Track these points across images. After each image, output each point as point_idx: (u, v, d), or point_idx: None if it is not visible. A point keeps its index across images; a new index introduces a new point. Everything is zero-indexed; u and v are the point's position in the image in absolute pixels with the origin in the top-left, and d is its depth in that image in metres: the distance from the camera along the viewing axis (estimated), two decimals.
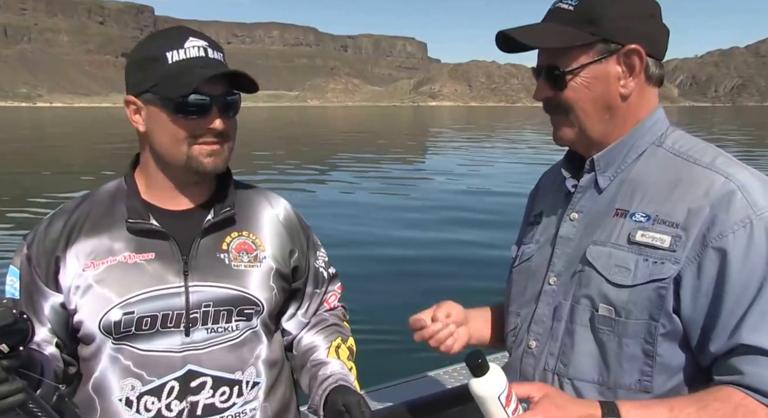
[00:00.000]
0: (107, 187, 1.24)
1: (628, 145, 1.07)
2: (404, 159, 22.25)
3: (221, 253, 1.18)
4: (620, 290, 0.99)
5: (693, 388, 0.99)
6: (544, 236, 1.17)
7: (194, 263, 1.15)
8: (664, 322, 0.97)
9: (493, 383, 0.92)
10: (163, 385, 1.13)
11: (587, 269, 1.03)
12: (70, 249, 1.15)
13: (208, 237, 1.18)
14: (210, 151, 1.13)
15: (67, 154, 25.33)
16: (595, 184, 1.09)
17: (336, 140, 32.82)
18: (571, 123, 1.07)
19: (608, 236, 1.03)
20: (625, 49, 1.01)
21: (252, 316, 1.19)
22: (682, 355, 0.99)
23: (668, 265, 0.96)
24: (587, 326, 1.03)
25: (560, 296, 1.07)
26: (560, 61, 1.04)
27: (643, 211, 1.01)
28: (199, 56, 1.10)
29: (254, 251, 1.21)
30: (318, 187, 13.86)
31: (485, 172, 17.37)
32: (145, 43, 1.15)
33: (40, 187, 14.17)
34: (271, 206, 1.30)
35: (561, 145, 1.11)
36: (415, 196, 12.67)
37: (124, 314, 1.11)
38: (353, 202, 11.69)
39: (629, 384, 1.00)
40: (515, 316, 1.18)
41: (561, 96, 1.05)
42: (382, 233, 8.99)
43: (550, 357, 1.07)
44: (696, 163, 1.02)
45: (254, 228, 1.24)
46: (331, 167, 18.59)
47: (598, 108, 1.05)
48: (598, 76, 1.03)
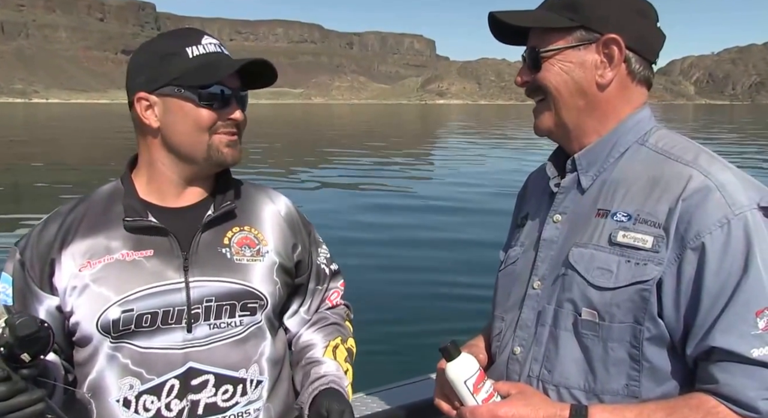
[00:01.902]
0: (103, 188, 1.24)
1: (610, 144, 1.07)
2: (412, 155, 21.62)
3: (223, 247, 1.18)
4: (602, 292, 0.98)
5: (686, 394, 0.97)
6: (529, 238, 1.16)
7: (195, 258, 1.15)
8: (649, 325, 0.96)
9: (459, 368, 0.99)
10: (162, 383, 1.12)
11: (570, 272, 1.03)
12: (65, 250, 1.14)
13: (208, 232, 1.19)
14: (229, 141, 1.17)
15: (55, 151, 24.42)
16: (577, 184, 1.09)
17: (334, 142, 31.55)
18: (549, 108, 1.08)
19: (590, 238, 1.02)
20: (604, 38, 1.03)
21: (256, 310, 1.19)
22: (672, 360, 0.98)
23: (651, 266, 0.95)
24: (571, 330, 1.02)
25: (544, 301, 1.07)
26: (539, 43, 1.07)
27: (624, 210, 1.00)
28: (216, 52, 1.16)
29: (257, 245, 1.22)
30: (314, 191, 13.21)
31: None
32: (158, 42, 1.18)
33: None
34: (272, 202, 1.31)
35: (540, 134, 1.12)
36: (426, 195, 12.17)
37: (123, 312, 1.10)
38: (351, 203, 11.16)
39: (616, 389, 0.99)
40: (500, 321, 1.17)
41: (537, 77, 1.07)
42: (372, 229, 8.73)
43: (535, 363, 1.07)
44: (677, 160, 1.01)
45: (256, 223, 1.25)
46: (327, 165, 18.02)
47: (572, 93, 1.06)
48: (575, 61, 1.05)
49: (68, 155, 22.11)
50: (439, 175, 15.51)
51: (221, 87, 1.13)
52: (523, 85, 1.11)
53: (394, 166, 17.60)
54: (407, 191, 12.82)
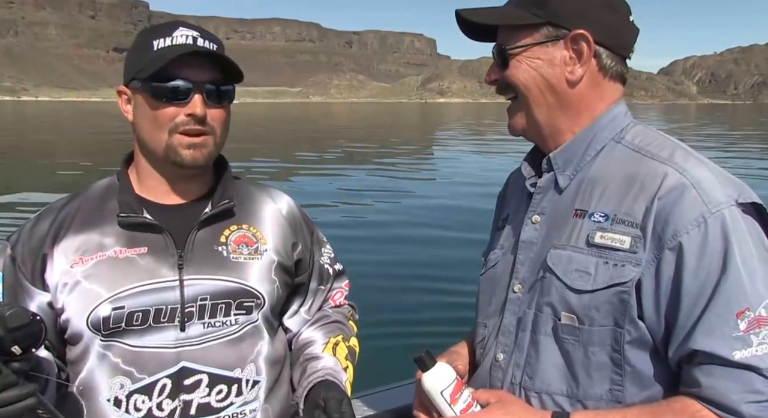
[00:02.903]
0: (98, 184, 1.23)
1: (586, 142, 1.06)
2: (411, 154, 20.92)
3: (219, 245, 1.17)
4: (581, 295, 0.97)
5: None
6: (508, 240, 1.15)
7: (190, 256, 1.14)
8: (630, 328, 0.95)
9: (435, 379, 0.97)
10: (154, 383, 1.10)
11: (548, 275, 1.01)
12: (57, 246, 1.14)
13: (205, 229, 1.17)
14: (190, 142, 1.11)
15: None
16: (555, 184, 1.07)
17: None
18: (520, 107, 1.07)
19: (568, 239, 1.01)
20: (572, 33, 1.02)
21: (252, 309, 1.17)
22: (655, 363, 0.97)
23: (629, 267, 0.94)
24: (551, 335, 1.01)
25: (525, 305, 1.06)
26: (506, 40, 1.06)
27: (601, 210, 0.99)
28: (185, 43, 1.10)
29: (255, 244, 1.20)
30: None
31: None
32: (140, 35, 1.17)
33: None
34: (273, 201, 1.30)
35: (514, 134, 1.11)
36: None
37: (113, 310, 1.09)
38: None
39: (600, 394, 0.98)
40: (483, 327, 1.16)
41: (506, 75, 1.06)
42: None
43: (516, 370, 1.05)
44: (653, 158, 1.00)
45: (255, 221, 1.24)
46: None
47: (542, 90, 1.04)
48: (543, 58, 1.04)
49: (59, 153, 21.94)
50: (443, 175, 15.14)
51: (181, 80, 1.08)
52: (492, 83, 1.11)
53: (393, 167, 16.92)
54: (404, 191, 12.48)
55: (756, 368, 0.87)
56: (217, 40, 1.16)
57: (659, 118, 65.30)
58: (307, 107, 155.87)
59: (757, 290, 0.89)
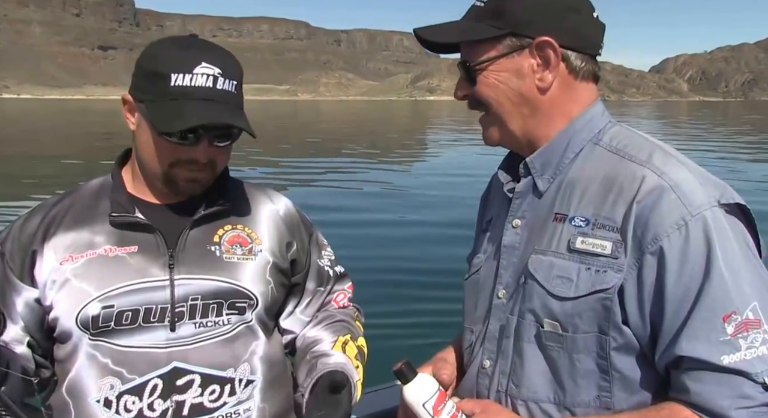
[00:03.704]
0: (92, 183, 1.23)
1: (563, 144, 1.04)
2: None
3: (212, 245, 1.17)
4: (563, 302, 0.96)
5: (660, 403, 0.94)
6: (491, 245, 1.14)
7: (181, 255, 1.14)
8: (615, 335, 0.94)
9: (416, 391, 0.96)
10: (144, 383, 1.10)
11: (530, 280, 1.00)
12: (47, 243, 1.13)
13: (198, 229, 1.17)
14: (189, 177, 1.13)
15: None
16: (534, 188, 1.06)
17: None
18: (494, 121, 1.06)
19: (548, 244, 1.00)
20: (536, 41, 1.00)
21: (245, 310, 1.17)
22: (643, 368, 0.95)
23: (611, 273, 0.93)
24: (534, 342, 1.00)
25: (508, 311, 1.04)
26: (470, 56, 1.04)
27: (582, 215, 0.98)
28: (205, 86, 1.07)
29: (249, 244, 1.20)
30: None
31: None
32: (158, 51, 1.12)
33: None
34: (271, 202, 1.29)
35: (490, 145, 1.10)
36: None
37: (102, 308, 1.09)
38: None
39: (588, 401, 0.97)
40: (469, 332, 1.15)
41: (476, 91, 1.05)
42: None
43: (502, 377, 1.04)
44: (631, 160, 0.99)
45: (251, 222, 1.23)
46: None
47: (514, 102, 1.03)
48: (510, 69, 1.02)
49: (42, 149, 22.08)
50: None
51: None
52: (462, 98, 1.08)
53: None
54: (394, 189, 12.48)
55: (745, 373, 0.86)
56: (237, 73, 1.13)
57: (649, 116, 66.23)
58: (296, 105, 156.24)
59: (743, 293, 0.88)
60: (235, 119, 1.09)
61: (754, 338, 0.86)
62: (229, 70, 1.10)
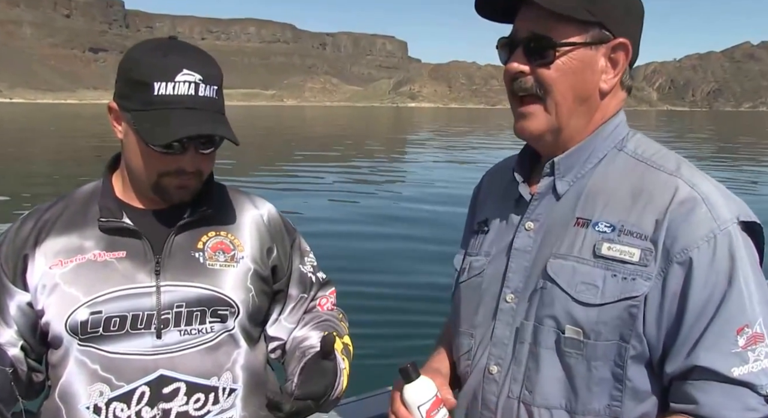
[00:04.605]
0: (85, 187, 1.23)
1: (589, 149, 1.01)
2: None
3: (196, 252, 1.16)
4: (588, 309, 0.93)
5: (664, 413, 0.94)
6: (495, 247, 1.08)
7: (167, 261, 1.13)
8: (635, 343, 0.93)
9: (415, 392, 0.96)
10: (132, 390, 1.09)
11: (549, 285, 0.96)
12: (39, 247, 1.14)
13: (182, 235, 1.16)
14: (179, 184, 1.12)
15: None
16: (552, 189, 1.02)
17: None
18: (544, 110, 0.97)
19: (570, 249, 0.96)
20: (616, 41, 0.96)
21: (227, 317, 1.16)
22: (651, 378, 0.95)
23: (640, 281, 0.91)
24: (553, 348, 0.96)
25: (521, 316, 1.00)
26: (553, 32, 0.94)
27: (606, 220, 0.95)
28: (187, 95, 1.06)
29: (231, 251, 1.19)
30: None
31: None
32: (140, 57, 1.09)
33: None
34: (255, 208, 1.28)
35: (526, 137, 1.02)
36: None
37: (91, 314, 1.09)
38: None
39: (598, 409, 0.95)
40: (468, 337, 1.09)
41: (542, 74, 0.95)
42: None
43: (514, 383, 1.01)
44: (659, 169, 0.97)
45: (234, 228, 1.22)
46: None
47: (575, 96, 0.97)
48: (585, 61, 0.95)
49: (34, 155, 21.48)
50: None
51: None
52: (517, 75, 0.97)
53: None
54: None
55: (751, 385, 0.87)
56: (217, 78, 1.12)
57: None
58: (281, 111, 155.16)
59: (754, 308, 0.89)
60: (219, 127, 1.09)
61: (760, 351, 0.87)
62: (209, 75, 1.10)
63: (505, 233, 1.07)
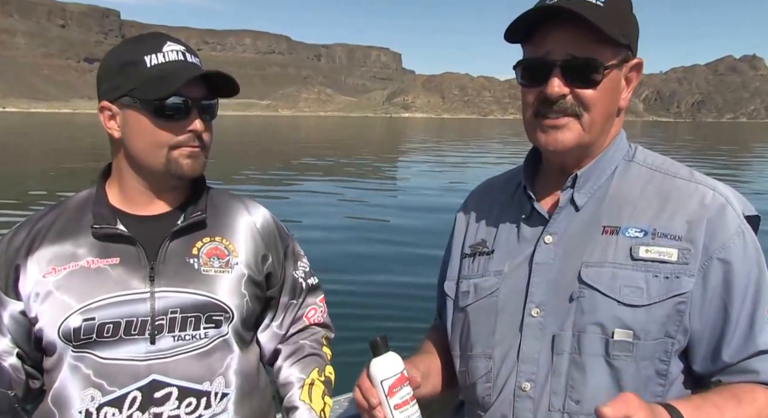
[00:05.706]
0: (78, 195, 1.23)
1: (604, 162, 1.06)
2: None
3: (191, 258, 1.15)
4: (636, 310, 0.95)
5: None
6: (508, 265, 1.08)
7: (161, 267, 1.13)
8: (680, 338, 0.97)
9: (380, 366, 0.95)
10: (124, 395, 1.09)
11: (588, 293, 0.98)
12: (31, 256, 1.13)
13: (177, 241, 1.16)
14: (190, 152, 1.13)
15: None
16: (571, 201, 1.05)
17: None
18: (581, 126, 1.00)
19: (603, 255, 0.99)
20: (635, 61, 1.01)
21: (221, 323, 1.16)
22: (685, 373, 1.01)
23: (684, 278, 0.96)
24: (600, 354, 0.97)
25: (553, 327, 1.00)
26: (597, 54, 0.97)
27: (636, 226, 0.99)
28: (178, 60, 1.10)
29: (226, 257, 1.18)
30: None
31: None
32: (121, 48, 1.14)
33: None
34: (248, 213, 1.27)
35: (557, 149, 1.02)
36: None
37: (84, 321, 1.08)
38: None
39: None
40: (485, 359, 1.07)
41: (584, 94, 0.98)
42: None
43: (554, 396, 0.99)
44: (676, 176, 1.04)
45: (228, 234, 1.22)
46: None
47: (608, 114, 1.02)
48: (616, 81, 1.01)
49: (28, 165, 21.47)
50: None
51: (180, 98, 1.09)
52: (558, 98, 0.98)
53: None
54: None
55: None
56: (197, 53, 1.16)
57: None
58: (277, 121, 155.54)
59: None
60: (215, 71, 1.11)
61: None
62: (189, 49, 1.14)
63: (518, 250, 1.07)
